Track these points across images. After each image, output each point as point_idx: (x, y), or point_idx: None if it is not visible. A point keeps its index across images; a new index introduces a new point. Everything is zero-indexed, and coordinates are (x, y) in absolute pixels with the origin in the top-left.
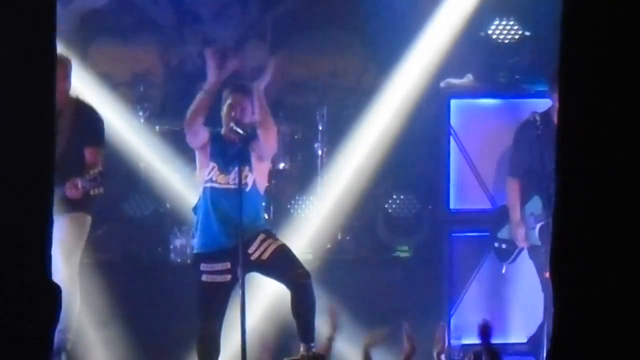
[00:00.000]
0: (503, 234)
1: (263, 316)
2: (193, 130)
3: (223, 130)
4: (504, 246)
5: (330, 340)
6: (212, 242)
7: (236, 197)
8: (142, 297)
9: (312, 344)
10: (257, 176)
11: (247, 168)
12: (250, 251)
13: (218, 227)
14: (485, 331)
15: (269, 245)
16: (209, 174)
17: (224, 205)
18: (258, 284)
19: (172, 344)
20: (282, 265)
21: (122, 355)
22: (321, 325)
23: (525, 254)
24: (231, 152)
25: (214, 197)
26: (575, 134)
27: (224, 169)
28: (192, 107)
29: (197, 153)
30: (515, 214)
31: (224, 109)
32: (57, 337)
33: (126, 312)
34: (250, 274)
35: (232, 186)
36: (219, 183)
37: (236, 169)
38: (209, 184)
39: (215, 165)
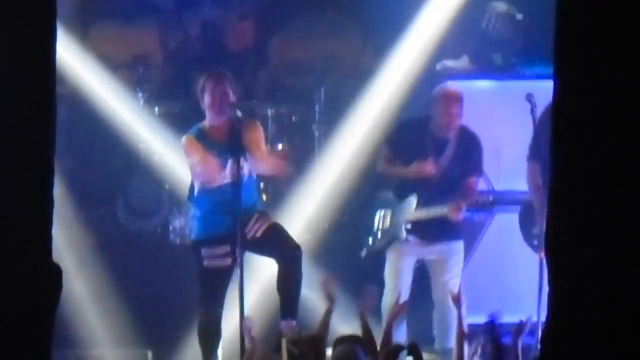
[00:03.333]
0: (536, 229)
1: (262, 298)
2: None
3: (215, 122)
4: (535, 242)
5: (329, 312)
6: (211, 228)
7: (233, 188)
8: (141, 277)
9: (294, 322)
10: (252, 162)
11: (242, 158)
12: (246, 231)
13: (216, 215)
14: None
15: (262, 223)
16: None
17: (221, 197)
18: (258, 266)
19: (172, 324)
20: (274, 239)
21: (122, 335)
22: (318, 301)
23: None
24: (220, 146)
25: (210, 192)
26: (570, 116)
27: (220, 165)
28: None
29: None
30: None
31: (205, 97)
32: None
33: (125, 292)
34: (251, 258)
35: (227, 180)
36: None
37: (229, 161)
38: (205, 185)
39: None
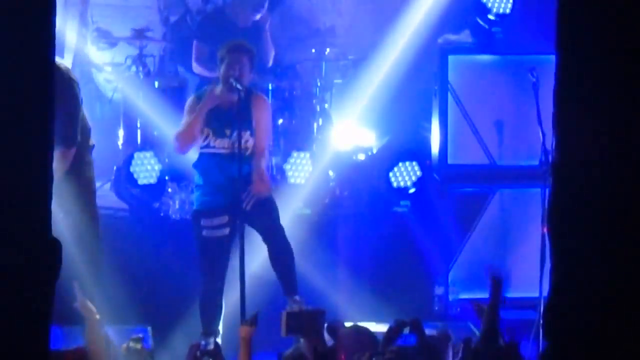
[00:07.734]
0: None
1: (262, 268)
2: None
3: (219, 90)
4: None
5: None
6: (211, 199)
7: (235, 160)
8: (140, 252)
9: (297, 296)
10: (257, 138)
11: (248, 132)
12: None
13: (217, 187)
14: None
15: (253, 196)
16: (205, 140)
17: (223, 169)
18: (257, 238)
19: (172, 300)
20: (259, 218)
21: (122, 310)
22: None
23: None
24: (227, 115)
25: (212, 161)
26: (574, 91)
27: (221, 132)
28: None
29: None
30: None
31: (222, 67)
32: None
33: (125, 267)
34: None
35: (230, 150)
36: (217, 147)
37: (234, 132)
38: (205, 150)
39: (210, 130)
